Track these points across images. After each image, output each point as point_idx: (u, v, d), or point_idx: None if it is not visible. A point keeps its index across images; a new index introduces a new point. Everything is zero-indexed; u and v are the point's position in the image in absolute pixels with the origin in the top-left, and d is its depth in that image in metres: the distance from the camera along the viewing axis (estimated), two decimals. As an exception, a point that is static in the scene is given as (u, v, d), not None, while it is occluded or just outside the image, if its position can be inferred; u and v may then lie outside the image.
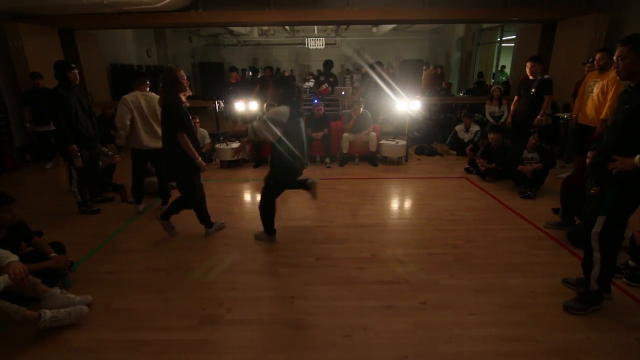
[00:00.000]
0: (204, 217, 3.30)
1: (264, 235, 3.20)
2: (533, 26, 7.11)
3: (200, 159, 2.97)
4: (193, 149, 2.91)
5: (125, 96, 3.55)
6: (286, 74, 12.68)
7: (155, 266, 2.82)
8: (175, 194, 3.63)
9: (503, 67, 10.55)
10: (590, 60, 4.75)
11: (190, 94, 2.93)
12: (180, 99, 2.88)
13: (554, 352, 1.93)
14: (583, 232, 2.27)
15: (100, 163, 4.39)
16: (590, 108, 4.28)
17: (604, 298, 2.24)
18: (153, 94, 3.63)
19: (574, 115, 4.59)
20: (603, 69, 4.13)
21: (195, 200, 3.14)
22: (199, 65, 14.81)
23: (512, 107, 4.99)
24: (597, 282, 2.18)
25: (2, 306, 1.90)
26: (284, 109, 2.75)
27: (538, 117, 4.64)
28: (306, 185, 3.12)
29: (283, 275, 2.69)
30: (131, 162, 3.73)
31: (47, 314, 2.03)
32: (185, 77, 2.92)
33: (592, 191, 2.10)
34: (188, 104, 3.00)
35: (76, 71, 3.54)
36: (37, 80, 5.37)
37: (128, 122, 3.52)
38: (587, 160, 3.08)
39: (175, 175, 3.19)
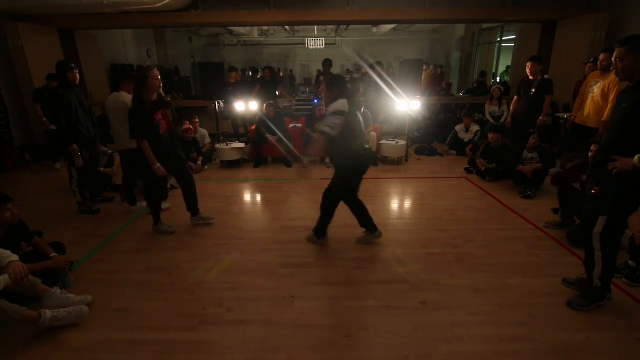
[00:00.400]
0: (191, 205, 3.41)
1: (313, 238, 3.12)
2: (533, 26, 7.11)
3: (157, 165, 2.97)
4: (151, 154, 2.95)
5: None
6: (281, 74, 12.67)
7: (155, 266, 2.82)
8: (175, 195, 3.64)
9: (509, 67, 10.53)
10: (592, 60, 4.75)
11: (160, 93, 3.01)
12: (145, 100, 2.88)
13: (554, 352, 1.93)
14: (582, 232, 2.28)
15: (102, 169, 4.40)
16: (589, 108, 4.28)
17: (606, 296, 2.25)
18: (123, 94, 3.60)
19: (572, 115, 4.60)
20: (606, 70, 4.12)
21: (163, 193, 3.30)
22: (199, 65, 14.84)
23: (512, 107, 4.99)
24: (599, 280, 2.20)
25: (2, 306, 1.90)
26: (342, 101, 2.66)
27: (541, 117, 4.65)
28: (371, 227, 3.04)
29: (283, 275, 2.69)
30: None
31: (47, 313, 2.04)
32: (158, 78, 2.89)
33: (592, 191, 2.11)
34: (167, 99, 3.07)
35: (76, 71, 3.54)
36: (53, 82, 5.34)
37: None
38: (590, 154, 3.08)
39: (140, 170, 3.30)
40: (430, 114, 7.49)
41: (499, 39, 10.41)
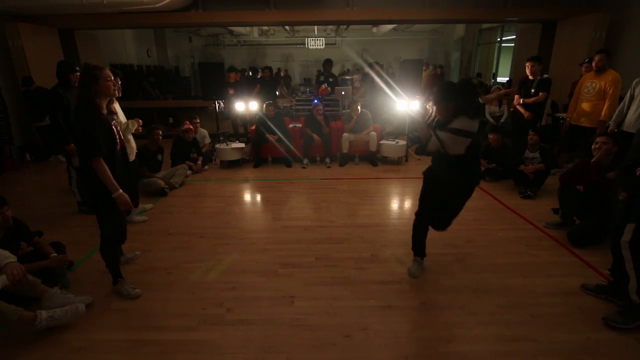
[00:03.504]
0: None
1: None
2: (533, 26, 7.12)
3: (119, 191, 2.13)
4: (110, 178, 2.10)
5: None
6: (282, 74, 12.69)
7: (155, 266, 2.82)
8: (173, 195, 3.61)
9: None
10: (587, 60, 4.76)
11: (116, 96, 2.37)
12: (98, 107, 2.14)
13: (554, 352, 1.93)
14: (610, 240, 2.10)
15: None
16: (586, 109, 4.29)
17: None
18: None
19: (567, 117, 4.61)
20: (601, 70, 4.13)
21: (117, 239, 2.44)
22: (199, 65, 14.80)
23: (519, 108, 4.92)
24: (637, 295, 2.03)
25: (0, 307, 1.90)
26: (473, 123, 2.11)
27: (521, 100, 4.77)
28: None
29: (283, 275, 2.69)
30: None
31: (43, 314, 2.03)
32: (111, 79, 2.18)
33: (620, 197, 1.98)
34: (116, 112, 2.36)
35: (78, 74, 3.55)
36: (30, 86, 5.60)
37: None
38: (595, 146, 3.02)
39: (92, 207, 2.32)
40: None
41: (499, 39, 10.42)
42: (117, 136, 2.25)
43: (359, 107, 5.57)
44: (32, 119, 5.74)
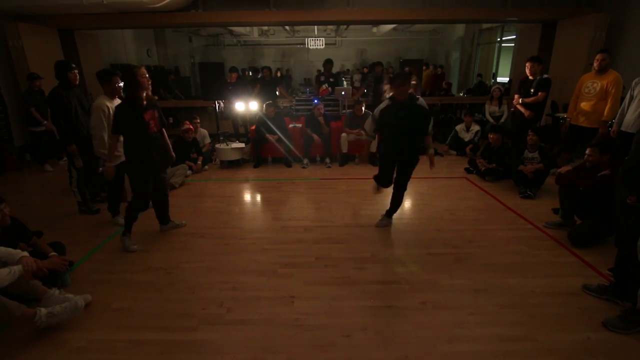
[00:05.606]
0: (160, 214, 3.37)
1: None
2: (533, 26, 7.11)
3: (110, 164, 3.02)
4: (113, 151, 3.01)
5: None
6: (279, 74, 12.67)
7: (155, 266, 2.82)
8: (171, 195, 3.61)
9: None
10: None
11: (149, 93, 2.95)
12: (137, 99, 2.81)
13: (554, 352, 1.93)
14: (622, 245, 2.05)
15: (101, 169, 4.39)
16: (587, 109, 4.28)
17: None
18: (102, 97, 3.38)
19: (567, 117, 4.60)
20: (602, 70, 4.12)
21: (144, 203, 3.08)
22: (199, 65, 14.79)
23: (519, 107, 4.93)
24: None
25: (4, 302, 1.92)
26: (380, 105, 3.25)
27: (522, 100, 4.80)
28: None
29: (283, 275, 2.69)
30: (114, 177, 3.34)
31: (43, 310, 2.05)
32: (146, 76, 2.82)
33: (628, 201, 1.94)
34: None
35: (76, 71, 3.55)
36: (36, 81, 5.36)
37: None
38: (586, 157, 3.05)
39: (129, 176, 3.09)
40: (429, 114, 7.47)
41: (499, 39, 10.42)
42: (152, 122, 2.98)
43: (362, 108, 5.57)
44: (27, 123, 5.43)
